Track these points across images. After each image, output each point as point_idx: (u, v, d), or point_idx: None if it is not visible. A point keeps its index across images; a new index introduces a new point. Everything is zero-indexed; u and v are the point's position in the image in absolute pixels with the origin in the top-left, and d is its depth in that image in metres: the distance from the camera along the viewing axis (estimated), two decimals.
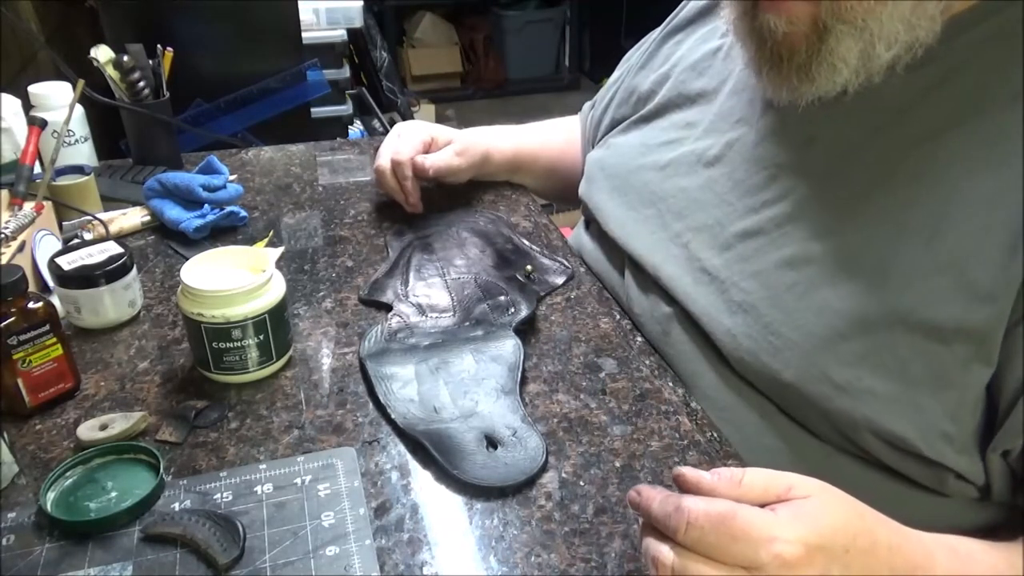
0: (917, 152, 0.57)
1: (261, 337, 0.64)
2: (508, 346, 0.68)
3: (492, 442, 0.58)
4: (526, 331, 0.72)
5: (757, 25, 0.59)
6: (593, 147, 0.91)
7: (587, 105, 1.03)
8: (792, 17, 0.57)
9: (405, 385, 0.64)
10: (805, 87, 0.60)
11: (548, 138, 1.05)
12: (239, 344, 0.63)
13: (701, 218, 0.69)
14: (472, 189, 1.02)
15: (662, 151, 0.76)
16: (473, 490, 0.56)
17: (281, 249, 0.86)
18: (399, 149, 0.90)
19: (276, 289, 0.65)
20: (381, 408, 0.62)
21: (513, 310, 0.73)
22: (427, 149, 0.92)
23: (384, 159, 0.91)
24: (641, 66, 0.85)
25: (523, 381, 0.66)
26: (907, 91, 0.58)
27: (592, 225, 0.87)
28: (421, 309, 0.74)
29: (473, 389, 0.63)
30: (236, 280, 0.64)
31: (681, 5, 0.85)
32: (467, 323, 0.72)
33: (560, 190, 1.08)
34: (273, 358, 0.66)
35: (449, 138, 0.95)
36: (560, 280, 0.81)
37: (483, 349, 0.68)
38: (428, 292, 0.77)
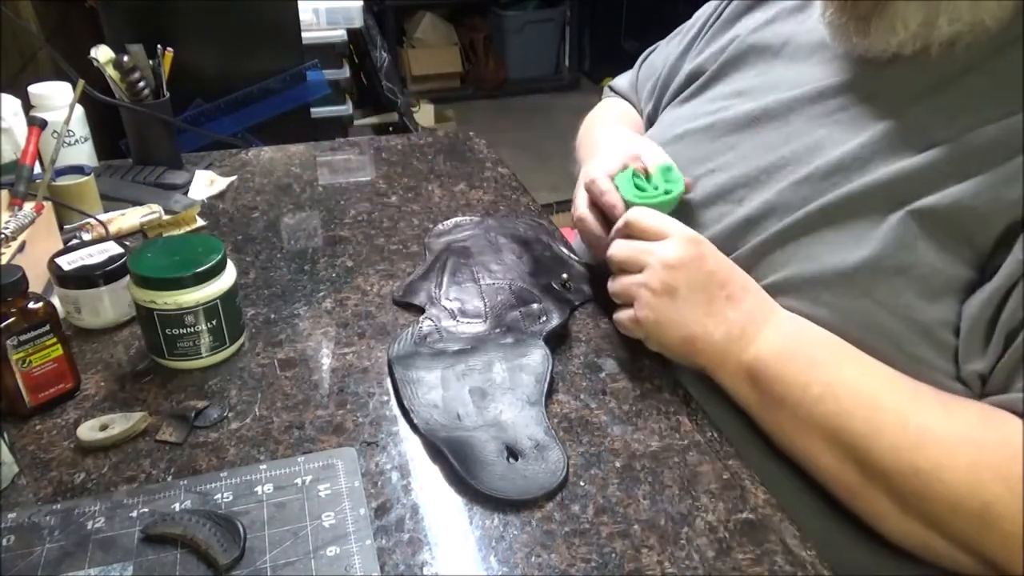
0: (967, 110, 0.57)
1: (213, 323, 0.66)
2: (537, 356, 0.66)
3: (513, 453, 0.58)
4: (557, 341, 0.71)
5: None
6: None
7: (627, 78, 1.02)
8: None
9: (430, 390, 0.63)
10: (858, 39, 0.61)
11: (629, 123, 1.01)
12: (192, 330, 0.65)
13: (748, 171, 0.69)
14: (471, 190, 1.02)
15: (710, 117, 0.76)
16: (489, 500, 0.55)
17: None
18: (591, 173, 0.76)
19: (227, 276, 0.67)
20: (405, 412, 0.62)
21: (545, 319, 0.72)
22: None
23: (580, 207, 0.77)
24: (699, 54, 0.84)
25: (550, 392, 0.65)
26: (980, 50, 0.58)
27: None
28: (453, 314, 0.73)
29: (499, 398, 0.63)
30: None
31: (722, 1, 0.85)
32: (498, 330, 0.71)
33: None
34: (226, 343, 0.68)
35: (637, 148, 0.78)
36: (589, 292, 0.79)
37: (511, 358, 0.67)
38: (461, 297, 0.76)
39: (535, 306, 0.73)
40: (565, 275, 0.79)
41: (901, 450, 0.53)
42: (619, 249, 0.66)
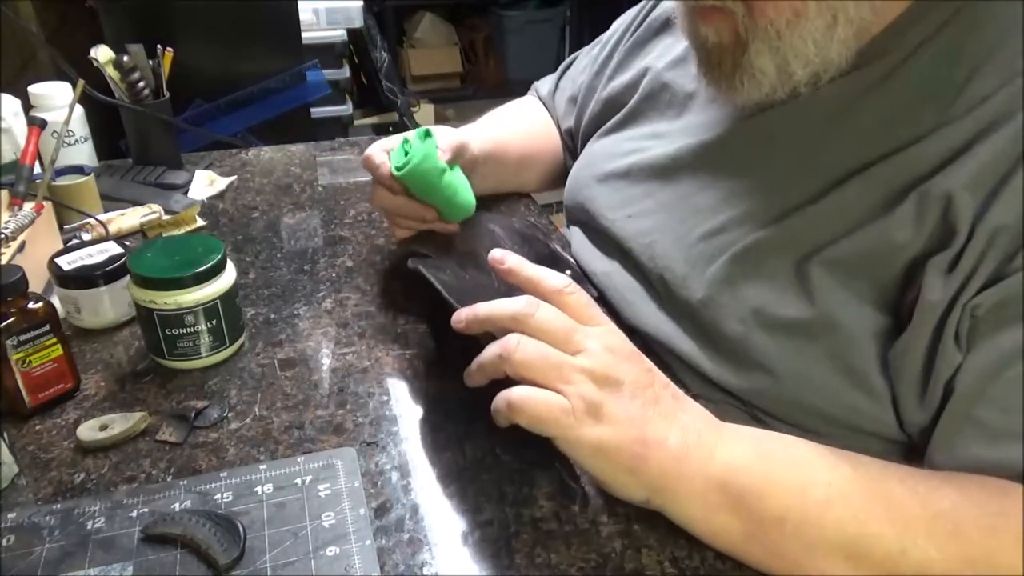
0: (869, 144, 0.58)
1: (213, 323, 0.66)
2: None
3: None
4: None
5: (694, 29, 0.63)
6: (578, 150, 0.91)
7: (548, 84, 1.02)
8: (718, 29, 0.60)
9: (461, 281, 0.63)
10: (730, 93, 0.63)
11: (515, 125, 0.99)
12: (192, 330, 0.65)
13: (665, 220, 0.70)
14: None
15: (627, 158, 0.76)
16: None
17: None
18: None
19: (227, 276, 0.67)
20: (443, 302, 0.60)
21: None
22: None
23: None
24: (611, 78, 0.85)
25: None
26: (857, 86, 0.59)
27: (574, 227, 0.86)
28: (465, 278, 0.71)
29: None
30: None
31: (638, 14, 0.85)
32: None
33: (542, 176, 1.02)
34: (226, 343, 0.68)
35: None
36: (595, 291, 0.78)
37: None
38: (470, 273, 0.73)
39: None
40: (568, 272, 0.79)
41: (944, 546, 0.46)
42: (545, 314, 0.52)
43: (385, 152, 0.75)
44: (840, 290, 0.56)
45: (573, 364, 0.50)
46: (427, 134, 0.73)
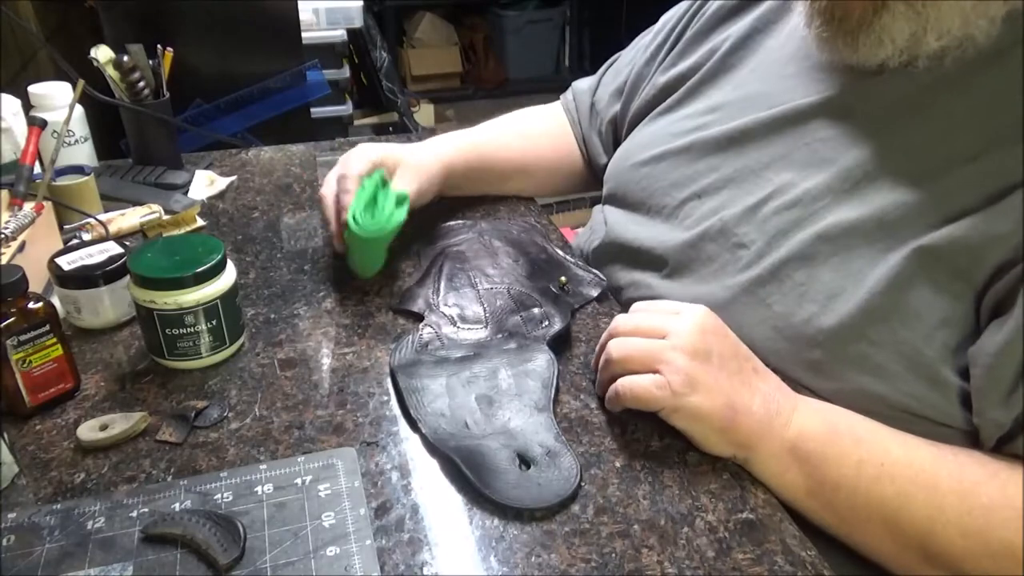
0: (956, 131, 0.57)
1: (213, 323, 0.66)
2: (542, 361, 0.66)
3: (525, 461, 0.57)
4: (559, 345, 0.70)
5: None
6: (622, 138, 0.90)
7: (582, 86, 1.01)
8: None
9: (436, 399, 0.63)
10: (846, 52, 0.61)
11: (516, 132, 0.99)
12: (192, 330, 0.65)
13: (734, 194, 0.69)
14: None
15: (688, 136, 0.75)
16: (489, 501, 0.55)
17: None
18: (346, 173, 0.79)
19: (227, 276, 0.67)
20: (412, 422, 0.62)
21: (547, 323, 0.71)
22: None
23: (328, 186, 0.81)
24: (672, 64, 0.83)
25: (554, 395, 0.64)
26: (964, 65, 0.58)
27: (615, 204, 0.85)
28: (452, 320, 0.72)
29: (506, 404, 0.62)
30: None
31: (691, 5, 0.84)
32: (500, 335, 0.70)
33: (554, 182, 1.02)
34: (226, 343, 0.68)
35: (397, 161, 0.82)
36: (594, 292, 0.78)
37: (516, 363, 0.66)
38: (460, 303, 0.75)
39: (536, 310, 0.72)
40: (563, 278, 0.79)
41: (969, 536, 0.52)
42: (635, 317, 0.61)
43: (359, 178, 0.77)
44: (920, 279, 0.56)
45: (664, 345, 0.58)
46: (403, 200, 0.77)
